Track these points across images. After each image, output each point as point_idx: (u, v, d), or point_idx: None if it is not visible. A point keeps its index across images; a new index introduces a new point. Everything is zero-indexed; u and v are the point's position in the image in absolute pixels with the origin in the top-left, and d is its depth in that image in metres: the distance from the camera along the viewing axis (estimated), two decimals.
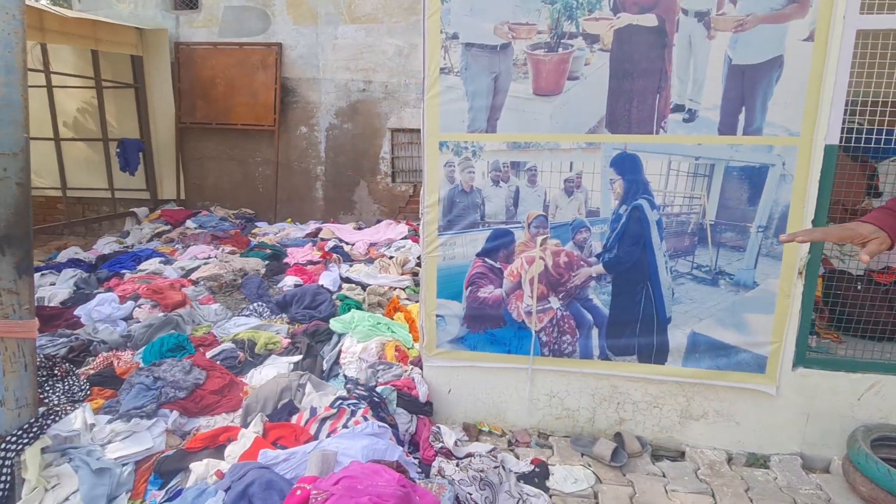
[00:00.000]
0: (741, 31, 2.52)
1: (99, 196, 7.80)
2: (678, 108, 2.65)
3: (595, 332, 2.93)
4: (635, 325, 2.88)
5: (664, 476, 2.75)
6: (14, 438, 2.30)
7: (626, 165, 2.74)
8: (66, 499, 2.28)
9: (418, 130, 7.23)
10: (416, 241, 5.93)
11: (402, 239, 6.08)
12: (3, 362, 2.32)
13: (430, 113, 2.82)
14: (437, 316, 3.03)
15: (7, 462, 2.25)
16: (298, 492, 1.97)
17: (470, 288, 2.98)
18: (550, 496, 2.53)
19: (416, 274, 5.06)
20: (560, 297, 2.92)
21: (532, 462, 2.76)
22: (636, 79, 2.64)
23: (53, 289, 4.52)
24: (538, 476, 2.66)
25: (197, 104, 7.56)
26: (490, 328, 3.01)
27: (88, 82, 7.29)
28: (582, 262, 2.87)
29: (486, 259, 2.94)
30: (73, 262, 5.37)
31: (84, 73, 7.21)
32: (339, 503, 1.82)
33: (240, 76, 7.42)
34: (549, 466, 2.75)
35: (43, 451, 2.35)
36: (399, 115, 7.38)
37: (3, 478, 2.23)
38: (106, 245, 6.23)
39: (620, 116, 2.70)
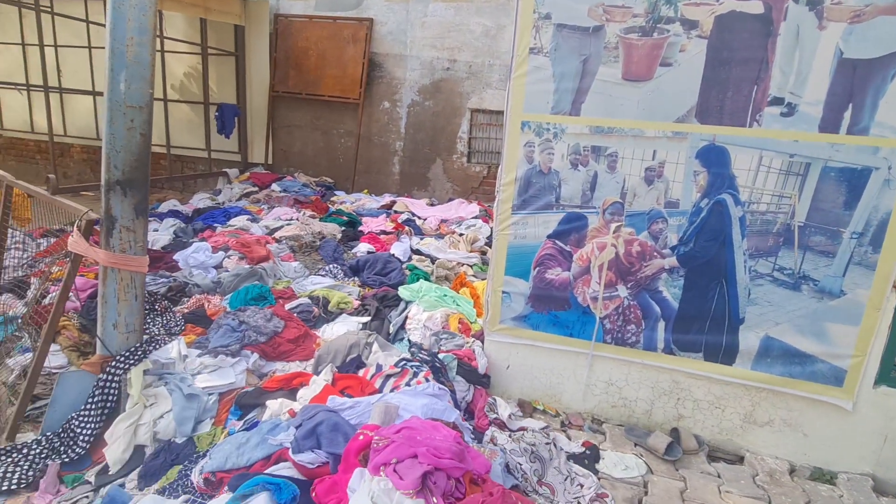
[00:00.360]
0: (857, 23, 2.36)
1: (196, 155, 8.43)
2: (776, 102, 2.53)
3: (661, 324, 2.89)
4: (705, 323, 2.82)
5: (719, 477, 2.70)
6: (122, 358, 2.63)
7: (713, 158, 2.66)
8: (161, 416, 2.58)
9: (498, 111, 7.26)
10: (487, 221, 6.00)
11: (472, 218, 6.17)
12: (118, 291, 2.64)
13: (516, 92, 2.85)
14: (503, 292, 3.10)
15: (116, 377, 2.58)
16: (361, 436, 2.13)
17: (538, 268, 3.02)
18: (599, 479, 2.56)
19: (484, 252, 5.13)
20: (629, 286, 2.90)
21: (583, 444, 2.79)
22: (733, 68, 2.55)
23: (156, 235, 5.00)
24: (588, 458, 2.69)
25: (290, 74, 7.94)
26: (554, 310, 3.04)
27: (195, 49, 7.85)
28: (655, 253, 2.83)
29: (557, 241, 2.97)
30: (173, 213, 5.90)
31: (192, 40, 7.77)
32: (399, 450, 1.95)
33: (331, 49, 7.70)
34: (601, 451, 2.77)
35: (145, 372, 2.67)
36: (480, 96, 7.40)
37: (113, 390, 2.56)
38: (200, 200, 6.76)
39: (712, 106, 2.61)
